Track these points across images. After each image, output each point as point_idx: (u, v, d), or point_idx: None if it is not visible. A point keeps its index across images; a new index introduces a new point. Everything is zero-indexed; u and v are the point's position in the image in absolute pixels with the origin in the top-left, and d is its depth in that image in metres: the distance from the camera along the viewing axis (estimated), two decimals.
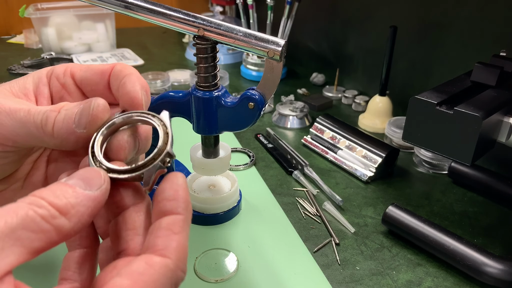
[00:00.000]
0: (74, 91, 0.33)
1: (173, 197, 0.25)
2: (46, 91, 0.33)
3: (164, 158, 0.26)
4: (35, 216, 0.21)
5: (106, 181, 0.25)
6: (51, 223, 0.21)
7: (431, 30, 0.74)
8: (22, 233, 0.20)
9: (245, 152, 0.70)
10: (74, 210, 0.22)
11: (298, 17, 0.94)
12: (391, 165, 0.67)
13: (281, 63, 0.41)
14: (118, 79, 0.31)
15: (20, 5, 1.16)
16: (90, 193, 0.23)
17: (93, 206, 0.23)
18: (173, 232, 0.24)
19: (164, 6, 0.42)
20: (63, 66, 0.34)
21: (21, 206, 0.21)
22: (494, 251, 0.48)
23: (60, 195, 0.22)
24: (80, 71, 0.33)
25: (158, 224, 0.24)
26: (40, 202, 0.21)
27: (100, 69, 0.32)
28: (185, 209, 0.25)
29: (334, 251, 0.50)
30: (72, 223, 0.22)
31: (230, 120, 0.46)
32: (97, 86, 0.32)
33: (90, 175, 0.24)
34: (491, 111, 0.43)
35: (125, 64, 0.32)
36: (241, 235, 0.52)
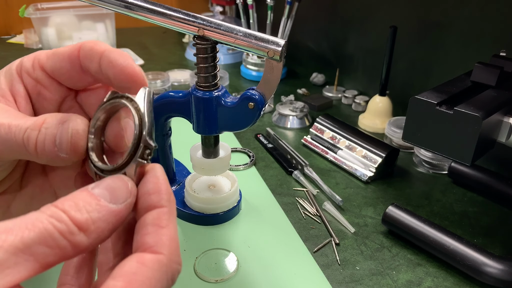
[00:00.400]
0: (50, 84, 0.31)
1: (154, 190, 0.24)
2: (21, 89, 0.30)
3: (142, 152, 0.24)
4: (54, 232, 0.20)
5: (133, 194, 0.23)
6: (68, 239, 0.21)
7: (431, 30, 0.74)
8: (38, 248, 0.20)
9: (245, 152, 0.70)
10: (95, 226, 0.21)
11: (298, 17, 0.94)
12: (391, 165, 0.67)
13: (281, 63, 0.41)
14: (93, 59, 0.28)
15: (20, 5, 1.16)
16: (114, 207, 0.22)
17: (115, 221, 0.22)
18: (161, 226, 0.23)
19: (164, 6, 0.42)
20: (30, 58, 0.30)
21: (41, 219, 0.20)
22: (494, 251, 0.48)
23: (83, 208, 0.21)
24: (48, 61, 0.30)
25: (143, 221, 0.23)
26: (60, 216, 0.21)
27: (67, 54, 0.29)
28: (168, 200, 0.24)
29: (334, 251, 0.50)
30: (90, 240, 0.21)
31: (230, 120, 0.46)
32: (70, 73, 0.30)
33: (117, 186, 0.23)
34: (491, 111, 0.43)
35: (91, 41, 0.30)
36: (241, 235, 0.52)
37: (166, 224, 0.23)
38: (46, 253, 0.20)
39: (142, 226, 0.23)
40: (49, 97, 0.31)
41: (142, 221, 0.23)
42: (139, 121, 0.24)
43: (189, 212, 0.53)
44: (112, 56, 0.28)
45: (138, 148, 0.24)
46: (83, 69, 0.29)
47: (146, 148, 0.24)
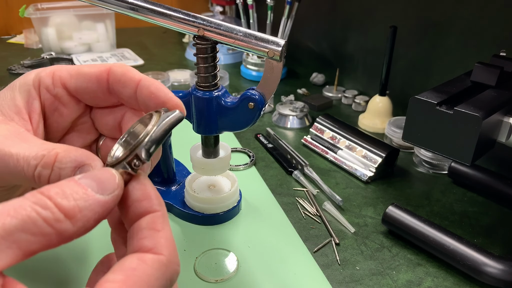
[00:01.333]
0: (69, 101, 0.31)
1: (144, 196, 0.24)
2: (37, 106, 0.30)
3: (131, 160, 0.24)
4: (37, 219, 0.20)
5: (120, 187, 0.23)
6: (53, 226, 0.20)
7: (431, 30, 0.74)
8: (20, 236, 0.19)
9: (245, 152, 0.70)
10: (81, 214, 0.21)
11: (298, 17, 0.94)
12: (391, 165, 0.67)
13: (281, 63, 0.41)
14: (127, 86, 0.29)
15: (20, 5, 1.16)
16: (101, 197, 0.22)
17: (101, 212, 0.22)
18: (157, 229, 0.23)
19: (164, 6, 0.42)
20: (49, 75, 0.30)
21: (24, 205, 0.20)
22: (494, 251, 0.48)
23: (70, 195, 0.21)
24: (71, 79, 0.30)
25: (138, 226, 0.23)
26: (45, 203, 0.20)
27: (94, 76, 0.29)
28: (159, 204, 0.24)
29: (334, 251, 0.50)
30: (75, 228, 0.21)
31: (230, 120, 0.46)
32: (95, 94, 0.30)
33: (105, 177, 0.23)
34: (491, 111, 0.43)
35: (121, 64, 0.30)
36: (241, 235, 0.52)
37: (162, 227, 0.24)
38: (30, 241, 0.20)
39: (137, 230, 0.23)
40: (65, 113, 0.31)
41: (137, 226, 0.24)
42: (146, 132, 0.24)
43: (189, 212, 0.53)
44: (152, 88, 0.28)
45: (129, 155, 0.24)
46: (110, 91, 0.30)
47: (136, 158, 0.24)
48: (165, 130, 0.25)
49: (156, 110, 0.27)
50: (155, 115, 0.25)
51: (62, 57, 1.09)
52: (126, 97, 0.29)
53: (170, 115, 0.25)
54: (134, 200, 0.24)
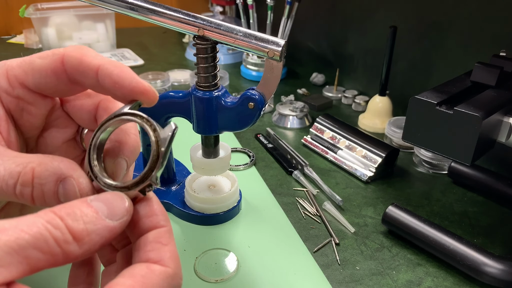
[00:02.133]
0: (34, 99, 0.28)
1: (151, 213, 0.25)
2: (0, 112, 0.28)
3: (144, 187, 0.25)
4: (49, 238, 0.20)
5: (129, 213, 0.24)
6: (62, 247, 0.21)
7: (431, 30, 0.74)
8: (31, 252, 0.20)
9: (245, 152, 0.70)
10: (89, 238, 0.22)
11: (298, 17, 0.94)
12: (391, 165, 0.67)
13: (281, 63, 0.41)
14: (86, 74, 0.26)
15: (20, 5, 1.16)
16: (110, 222, 0.22)
17: (108, 236, 0.22)
18: (163, 243, 0.24)
19: (164, 6, 0.42)
20: (3, 76, 0.27)
21: (37, 223, 0.20)
22: (494, 251, 0.48)
23: (80, 218, 0.22)
24: (28, 77, 0.27)
25: (145, 239, 0.24)
26: (57, 223, 0.21)
27: (49, 68, 0.27)
28: (166, 220, 0.25)
29: (334, 251, 0.50)
30: (81, 251, 0.21)
31: (230, 120, 0.46)
32: (57, 86, 0.28)
33: (116, 202, 0.23)
34: (491, 111, 0.43)
35: (74, 50, 0.27)
36: (241, 235, 0.52)
37: (168, 241, 0.24)
38: (38, 258, 0.20)
39: (144, 244, 0.24)
40: (34, 111, 0.29)
41: (144, 239, 0.24)
42: (156, 153, 0.24)
43: (189, 212, 0.53)
44: (114, 76, 0.26)
45: (143, 182, 0.24)
46: (72, 81, 0.27)
47: (149, 186, 0.25)
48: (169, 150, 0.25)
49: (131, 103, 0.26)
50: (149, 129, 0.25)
51: None
52: (91, 87, 0.28)
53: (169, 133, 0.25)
54: (142, 215, 0.25)
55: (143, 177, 0.24)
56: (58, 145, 0.31)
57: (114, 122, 0.26)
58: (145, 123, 0.25)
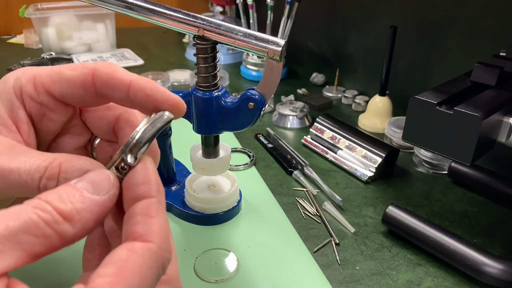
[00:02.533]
0: (56, 106, 0.29)
1: (143, 180, 0.24)
2: (23, 115, 0.29)
3: (119, 164, 0.24)
4: (38, 221, 0.20)
5: (115, 186, 0.24)
6: (54, 228, 0.21)
7: (431, 30, 0.74)
8: (23, 237, 0.20)
9: (245, 152, 0.70)
10: (79, 216, 0.22)
11: (298, 17, 0.94)
12: (391, 165, 0.67)
13: (281, 63, 0.41)
14: (117, 89, 0.27)
15: (20, 5, 1.16)
16: (97, 198, 0.23)
17: (99, 212, 0.23)
18: (150, 216, 0.23)
19: (164, 6, 0.42)
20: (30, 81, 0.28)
21: (25, 209, 0.21)
22: (494, 251, 0.48)
23: (66, 199, 0.22)
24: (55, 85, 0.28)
25: (132, 211, 0.23)
26: (44, 206, 0.21)
27: (78, 80, 0.28)
28: (157, 191, 0.24)
29: (334, 251, 0.50)
30: (76, 229, 0.22)
31: (230, 120, 0.46)
32: (83, 98, 0.29)
33: (100, 178, 0.23)
34: (491, 111, 0.43)
35: (105, 66, 0.28)
36: (241, 235, 0.52)
37: (156, 214, 0.23)
38: (32, 242, 0.20)
39: (131, 216, 0.23)
40: (54, 118, 0.30)
41: (131, 211, 0.23)
42: (132, 136, 0.24)
43: (189, 212, 0.53)
44: (148, 90, 0.27)
45: (117, 159, 0.24)
46: (99, 95, 0.28)
47: (123, 162, 0.24)
48: (152, 132, 0.24)
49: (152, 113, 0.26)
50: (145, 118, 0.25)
51: (62, 57, 1.09)
52: (118, 100, 0.28)
53: (157, 118, 0.25)
54: (134, 182, 0.24)
55: (117, 156, 0.24)
56: (69, 151, 0.32)
57: None
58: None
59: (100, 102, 0.29)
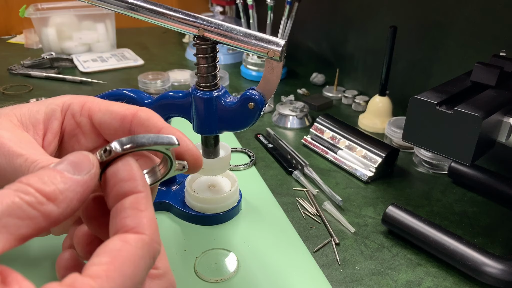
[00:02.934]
0: (90, 133, 0.32)
1: (129, 177, 0.24)
2: (56, 127, 0.31)
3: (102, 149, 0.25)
4: (22, 203, 0.21)
5: (95, 165, 0.24)
6: (38, 209, 0.21)
7: (431, 30, 0.74)
8: (8, 221, 0.20)
9: (245, 152, 0.70)
10: (63, 195, 0.22)
11: (298, 17, 0.94)
12: (391, 165, 0.67)
13: (281, 63, 0.41)
14: (147, 129, 0.30)
15: (20, 5, 1.16)
16: (78, 177, 0.23)
17: (82, 191, 0.23)
18: (140, 209, 0.24)
19: (164, 6, 0.43)
20: (80, 103, 0.32)
21: (7, 193, 0.21)
22: (494, 251, 0.48)
23: (48, 181, 0.22)
24: (99, 113, 0.31)
25: (121, 205, 0.24)
26: (26, 189, 0.21)
27: (121, 114, 0.31)
28: (144, 186, 0.25)
29: (334, 251, 0.50)
30: (61, 209, 0.22)
31: (230, 120, 0.46)
32: (116, 131, 0.31)
33: (79, 159, 0.24)
34: (491, 111, 0.43)
35: (147, 110, 0.31)
36: (241, 235, 0.52)
37: (145, 207, 0.24)
38: (18, 225, 0.20)
39: (120, 210, 0.24)
40: (83, 142, 0.32)
41: (120, 206, 0.24)
42: None
43: (189, 212, 0.53)
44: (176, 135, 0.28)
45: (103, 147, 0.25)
46: (131, 133, 0.31)
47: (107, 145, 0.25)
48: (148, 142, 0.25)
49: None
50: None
51: (62, 57, 1.09)
52: None
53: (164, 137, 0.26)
54: (119, 180, 0.24)
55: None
56: None
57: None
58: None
59: None
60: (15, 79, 0.98)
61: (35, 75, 1.00)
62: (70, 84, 0.98)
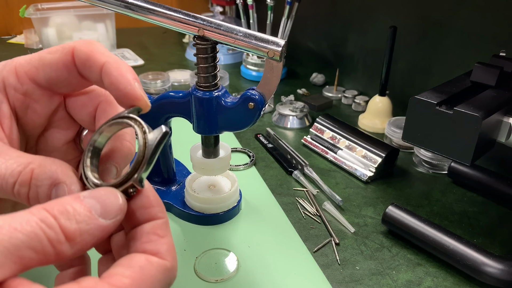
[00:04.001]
0: (41, 96, 0.28)
1: (148, 204, 0.24)
2: (6, 109, 0.28)
3: (127, 188, 0.24)
4: (43, 238, 0.20)
5: (123, 211, 0.23)
6: (55, 247, 0.21)
7: (431, 30, 0.74)
8: (25, 252, 0.20)
9: (245, 152, 0.70)
10: (81, 238, 0.21)
11: (298, 17, 0.94)
12: (391, 165, 0.67)
13: (281, 63, 0.41)
14: (92, 70, 0.27)
15: (20, 5, 1.16)
16: (102, 222, 0.22)
17: (100, 236, 0.22)
18: (160, 236, 0.24)
19: (164, 6, 0.43)
20: (12, 72, 0.27)
21: (30, 221, 0.20)
22: (494, 251, 0.48)
23: (73, 217, 0.21)
24: (38, 72, 0.27)
25: (141, 230, 0.24)
26: (51, 222, 0.20)
27: (60, 62, 0.27)
28: (163, 211, 0.25)
29: (334, 251, 0.50)
30: (73, 250, 0.21)
31: (230, 120, 0.46)
32: (68, 81, 0.28)
33: (109, 200, 0.23)
34: (491, 111, 0.43)
35: (84, 44, 0.27)
36: (241, 235, 0.52)
37: (165, 234, 0.24)
38: (32, 257, 0.20)
39: (141, 234, 0.24)
40: (39, 110, 0.29)
41: (140, 230, 0.24)
42: (140, 158, 0.24)
43: (189, 212, 0.53)
44: (113, 77, 0.26)
45: (125, 183, 0.24)
46: (81, 74, 0.28)
47: (132, 187, 0.24)
48: (156, 152, 0.24)
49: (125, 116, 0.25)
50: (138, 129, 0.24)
51: None
52: (96, 83, 0.28)
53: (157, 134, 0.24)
54: (138, 207, 0.24)
55: (125, 178, 0.24)
56: (58, 146, 0.31)
57: (110, 125, 0.26)
58: (137, 125, 0.25)
59: (86, 84, 0.29)
60: None
61: None
62: None
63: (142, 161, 0.24)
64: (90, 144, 0.26)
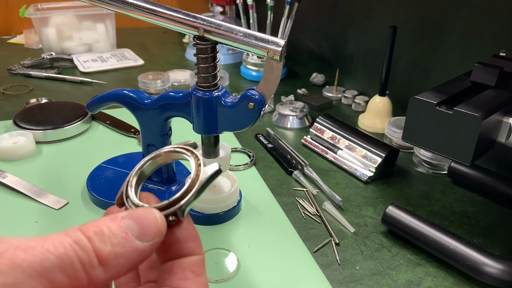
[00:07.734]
0: None
1: (188, 237, 0.24)
2: None
3: (168, 215, 0.23)
4: (75, 260, 0.19)
5: (161, 233, 0.22)
6: (87, 272, 0.19)
7: (431, 30, 0.74)
8: (56, 276, 0.18)
9: (245, 152, 0.70)
10: (115, 261, 0.20)
11: (298, 17, 0.94)
12: (391, 165, 0.67)
13: (281, 63, 0.41)
14: None
15: (20, 5, 1.16)
16: (139, 244, 0.21)
17: (136, 260, 0.21)
18: (196, 274, 0.23)
19: (164, 6, 0.43)
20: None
21: (63, 242, 0.19)
22: (494, 251, 0.48)
23: (108, 239, 0.20)
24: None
25: (178, 264, 0.23)
26: (85, 244, 0.19)
27: None
28: (200, 247, 0.24)
29: (334, 251, 0.50)
30: (107, 275, 0.20)
31: (230, 120, 0.46)
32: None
33: (148, 220, 0.22)
34: (491, 111, 0.43)
35: None
36: (241, 235, 0.52)
37: (201, 272, 0.24)
38: (62, 281, 0.19)
39: (177, 270, 0.23)
40: None
41: (177, 264, 0.23)
42: (190, 188, 0.24)
43: (189, 212, 0.53)
44: None
45: (169, 208, 0.24)
46: None
47: (174, 214, 0.24)
48: (204, 186, 0.25)
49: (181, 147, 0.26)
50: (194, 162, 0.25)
51: (62, 57, 1.09)
52: None
53: (208, 172, 0.25)
54: (179, 240, 0.24)
55: (169, 204, 0.24)
56: None
57: (167, 152, 0.26)
58: (194, 157, 0.26)
59: None
60: (15, 79, 0.99)
61: (35, 75, 1.00)
62: (70, 84, 0.98)
63: (191, 191, 0.24)
64: (139, 166, 0.26)
